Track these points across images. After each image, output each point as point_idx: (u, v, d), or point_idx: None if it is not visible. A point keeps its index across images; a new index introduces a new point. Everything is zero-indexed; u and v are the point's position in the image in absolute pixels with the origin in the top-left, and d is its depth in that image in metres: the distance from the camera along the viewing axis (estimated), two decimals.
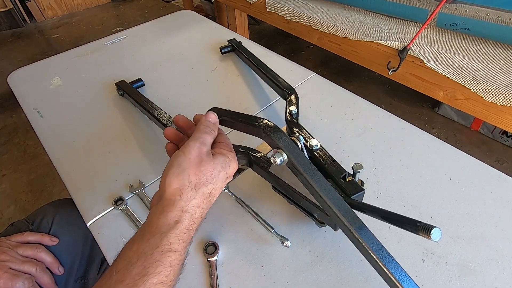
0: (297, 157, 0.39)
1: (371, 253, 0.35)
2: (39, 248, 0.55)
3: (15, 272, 0.48)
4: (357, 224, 0.36)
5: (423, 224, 0.33)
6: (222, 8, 2.07)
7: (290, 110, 0.59)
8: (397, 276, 0.33)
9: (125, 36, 1.03)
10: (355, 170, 0.43)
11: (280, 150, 0.39)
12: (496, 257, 0.45)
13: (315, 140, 0.46)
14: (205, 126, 0.41)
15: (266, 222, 0.50)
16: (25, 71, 0.90)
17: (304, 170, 0.38)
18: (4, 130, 1.91)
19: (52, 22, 3.06)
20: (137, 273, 0.32)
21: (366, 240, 0.35)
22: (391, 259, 0.34)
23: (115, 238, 0.51)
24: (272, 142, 0.40)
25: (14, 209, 1.49)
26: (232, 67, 0.87)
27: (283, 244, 0.47)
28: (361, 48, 1.05)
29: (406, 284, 0.33)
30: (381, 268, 0.34)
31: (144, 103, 0.68)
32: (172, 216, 0.35)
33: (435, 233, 0.32)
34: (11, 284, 0.47)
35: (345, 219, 0.37)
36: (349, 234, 0.37)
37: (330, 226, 0.45)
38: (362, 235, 0.36)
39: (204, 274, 0.46)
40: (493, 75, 0.82)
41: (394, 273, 0.33)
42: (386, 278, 0.34)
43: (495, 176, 0.55)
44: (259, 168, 0.48)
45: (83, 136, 0.69)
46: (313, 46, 1.92)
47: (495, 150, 1.57)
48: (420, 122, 1.74)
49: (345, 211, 0.37)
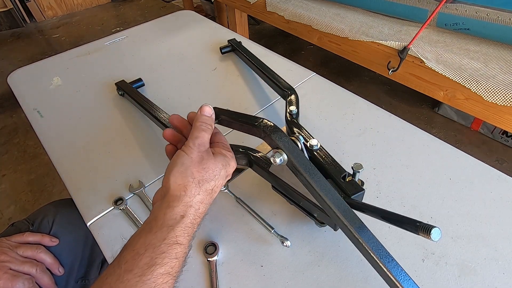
0: (297, 157, 0.39)
1: (371, 253, 0.35)
2: (39, 248, 0.55)
3: (15, 273, 0.48)
4: (357, 224, 0.36)
5: (423, 224, 0.33)
6: (222, 8, 2.07)
7: (290, 110, 0.59)
8: (397, 276, 0.33)
9: (125, 36, 1.03)
10: (355, 170, 0.43)
11: (280, 150, 0.39)
12: (496, 257, 0.45)
13: (315, 140, 0.46)
14: (201, 122, 0.42)
15: (266, 222, 0.50)
16: (25, 71, 0.90)
17: (304, 170, 0.38)
18: (4, 130, 1.91)
19: (52, 22, 3.06)
20: (145, 263, 0.33)
21: (366, 240, 0.35)
22: (391, 259, 0.34)
23: (115, 238, 0.51)
24: (272, 142, 0.40)
25: (14, 209, 1.49)
26: (232, 67, 0.87)
27: (283, 244, 0.47)
28: (361, 48, 1.05)
29: (406, 284, 0.33)
30: (381, 268, 0.34)
31: (144, 103, 0.68)
32: (178, 210, 0.37)
33: (435, 233, 0.32)
34: (11, 284, 0.46)
35: (345, 219, 0.37)
36: (349, 234, 0.37)
37: (330, 226, 0.45)
38: (362, 235, 0.36)
39: (204, 274, 0.46)
40: (493, 75, 0.82)
41: (394, 273, 0.33)
42: (386, 278, 0.34)
43: (495, 176, 0.55)
44: (259, 168, 0.48)
45: (83, 136, 0.69)
46: (313, 46, 1.92)
47: (495, 150, 1.57)
48: (420, 122, 1.74)
49: (345, 211, 0.37)
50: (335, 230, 0.46)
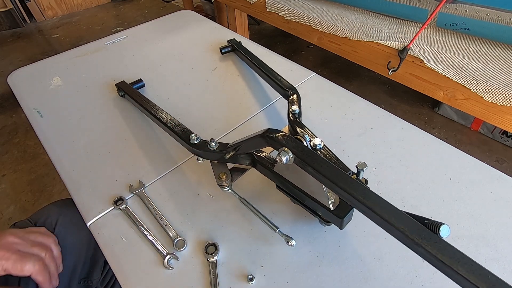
0: (302, 151, 0.39)
1: (408, 235, 0.32)
2: (51, 237, 0.52)
3: (24, 254, 0.45)
4: (382, 203, 0.34)
5: (432, 221, 0.32)
6: (222, 8, 2.07)
7: (293, 110, 0.59)
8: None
9: (125, 36, 1.03)
10: (359, 168, 0.43)
11: (285, 148, 0.39)
12: (496, 257, 0.45)
13: (319, 140, 0.46)
14: None
15: (271, 221, 0.50)
16: (25, 71, 0.90)
17: (311, 161, 0.38)
18: (4, 130, 1.91)
19: (52, 22, 3.06)
20: None
21: (394, 216, 0.33)
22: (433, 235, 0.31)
23: (115, 238, 0.51)
24: (275, 143, 0.40)
25: (14, 209, 1.49)
26: (232, 67, 0.87)
27: (288, 244, 0.47)
28: (361, 48, 1.05)
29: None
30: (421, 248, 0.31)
31: (146, 104, 0.68)
32: None
33: (444, 230, 0.31)
34: (21, 266, 0.44)
35: (367, 200, 0.34)
36: (373, 217, 0.35)
37: (336, 224, 0.45)
38: (386, 212, 0.33)
39: (204, 274, 0.46)
40: (493, 75, 0.82)
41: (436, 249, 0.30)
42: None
43: (495, 176, 0.55)
44: (263, 168, 0.48)
45: (83, 136, 0.69)
46: (313, 46, 1.92)
47: (495, 150, 1.57)
48: (420, 122, 1.74)
49: (364, 195, 0.35)
50: (341, 229, 0.46)
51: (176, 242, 0.49)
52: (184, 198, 0.56)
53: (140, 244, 0.50)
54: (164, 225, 0.52)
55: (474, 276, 0.28)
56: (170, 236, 0.50)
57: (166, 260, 0.47)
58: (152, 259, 0.48)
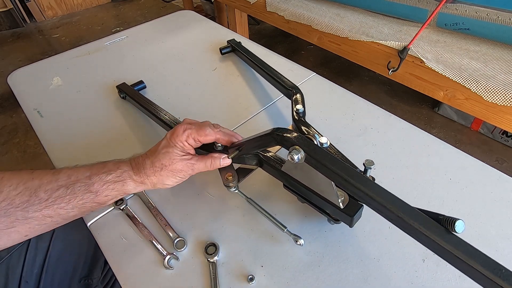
0: (314, 149, 0.39)
1: (422, 232, 0.32)
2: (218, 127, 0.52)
3: (202, 123, 0.49)
4: (398, 202, 0.34)
5: (447, 217, 0.32)
6: (222, 8, 2.07)
7: (297, 109, 0.59)
8: None
9: (125, 36, 1.03)
10: (367, 166, 0.43)
11: (296, 147, 0.39)
12: (496, 257, 0.45)
13: (325, 138, 0.46)
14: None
15: (278, 221, 0.49)
16: (25, 71, 0.90)
17: (323, 159, 0.38)
18: (4, 130, 1.91)
19: (52, 22, 3.06)
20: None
21: (409, 215, 0.33)
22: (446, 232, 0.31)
23: (115, 238, 0.51)
24: (286, 142, 0.40)
25: None
26: (232, 67, 0.87)
27: (297, 243, 0.46)
28: (361, 48, 1.05)
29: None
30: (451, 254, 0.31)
31: (149, 106, 0.67)
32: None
33: (459, 225, 0.31)
34: (202, 130, 0.46)
35: (382, 199, 0.34)
36: (389, 214, 0.34)
37: (345, 222, 0.44)
38: (403, 210, 0.33)
39: (204, 274, 0.46)
40: (493, 75, 0.82)
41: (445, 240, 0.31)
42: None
43: (495, 176, 0.55)
44: (270, 168, 0.48)
45: (83, 136, 0.69)
46: (313, 46, 1.92)
47: (495, 150, 1.57)
48: (420, 122, 1.74)
49: (379, 193, 0.35)
50: (350, 227, 0.45)
51: (176, 242, 0.49)
52: (184, 198, 0.56)
53: (140, 244, 0.50)
54: (164, 225, 0.52)
55: (489, 271, 0.30)
56: (170, 236, 0.50)
57: (166, 260, 0.47)
58: (152, 259, 0.48)
